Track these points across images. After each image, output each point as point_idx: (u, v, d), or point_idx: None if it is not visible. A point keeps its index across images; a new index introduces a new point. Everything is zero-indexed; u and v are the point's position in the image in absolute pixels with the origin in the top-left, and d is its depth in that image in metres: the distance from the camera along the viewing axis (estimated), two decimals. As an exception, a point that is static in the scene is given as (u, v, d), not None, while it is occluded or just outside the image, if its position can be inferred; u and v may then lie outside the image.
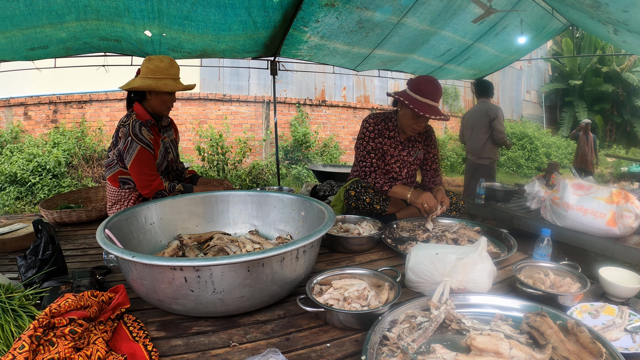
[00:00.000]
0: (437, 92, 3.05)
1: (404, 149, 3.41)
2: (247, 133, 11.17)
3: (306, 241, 1.76)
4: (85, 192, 4.33)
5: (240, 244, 2.37)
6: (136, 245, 2.28)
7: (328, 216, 2.11)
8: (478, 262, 1.97)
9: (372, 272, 2.10)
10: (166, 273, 1.61)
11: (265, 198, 2.69)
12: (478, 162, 6.13)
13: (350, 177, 3.65)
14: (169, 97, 3.06)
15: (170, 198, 2.59)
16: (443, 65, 6.84)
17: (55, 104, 9.94)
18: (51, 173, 8.71)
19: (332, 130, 13.08)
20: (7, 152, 8.98)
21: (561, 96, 19.67)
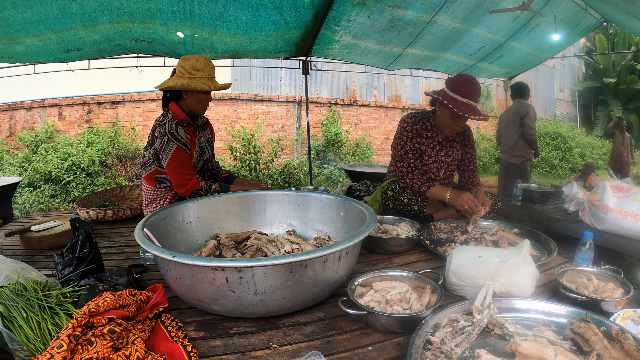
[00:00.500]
0: (477, 92, 2.99)
1: (441, 149, 3.33)
2: (278, 133, 11.17)
3: (349, 242, 1.71)
4: (120, 191, 4.35)
5: (278, 244, 2.34)
6: (173, 244, 2.26)
7: (369, 217, 2.06)
8: (521, 265, 1.90)
9: (413, 274, 2.04)
10: (207, 273, 1.57)
11: (303, 198, 2.65)
12: (510, 161, 6.03)
13: (386, 177, 3.59)
14: (205, 96, 3.04)
15: (208, 197, 2.57)
16: (475, 63, 6.80)
17: (89, 105, 10.12)
18: (85, 172, 8.88)
19: (364, 130, 12.99)
20: (42, 151, 9.18)
21: (595, 94, 19.04)
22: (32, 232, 3.03)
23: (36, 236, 2.94)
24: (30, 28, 3.96)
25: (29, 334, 1.53)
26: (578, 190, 4.25)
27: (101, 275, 2.04)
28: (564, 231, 4.18)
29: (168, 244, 2.19)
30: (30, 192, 8.40)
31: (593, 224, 3.80)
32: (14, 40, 4.10)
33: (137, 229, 1.91)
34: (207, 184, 3.04)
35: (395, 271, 2.07)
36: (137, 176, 9.33)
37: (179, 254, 1.58)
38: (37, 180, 8.62)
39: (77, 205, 3.68)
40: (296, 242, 2.36)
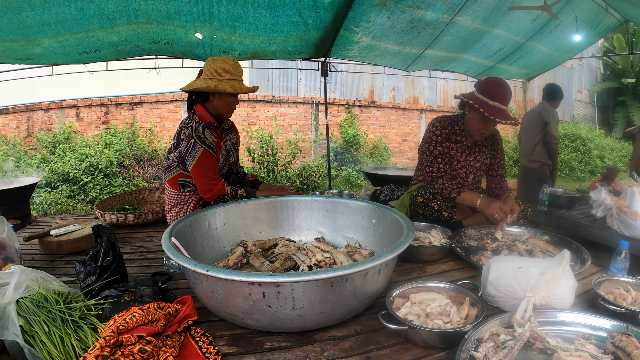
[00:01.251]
0: (507, 95, 2.91)
1: (470, 153, 3.25)
2: (296, 134, 11.11)
3: (391, 255, 1.62)
4: (140, 194, 4.29)
5: (308, 252, 2.25)
6: (200, 252, 2.19)
7: (406, 227, 1.97)
8: (561, 276, 1.83)
9: (450, 285, 1.96)
10: (242, 288, 1.49)
11: (332, 204, 2.57)
12: (528, 166, 5.86)
13: (413, 181, 3.52)
14: (233, 98, 2.96)
15: (234, 203, 2.50)
16: (495, 64, 6.73)
17: (106, 106, 10.12)
18: (103, 172, 8.85)
19: (382, 132, 12.85)
20: (59, 152, 9.19)
21: (614, 95, 18.53)
22: (51, 237, 2.96)
23: (56, 241, 2.87)
24: (48, 30, 3.93)
25: (52, 350, 1.45)
26: (606, 196, 4.11)
27: (125, 285, 1.96)
28: (591, 238, 4.06)
29: (194, 252, 2.13)
30: (48, 193, 8.40)
31: (622, 231, 3.68)
32: (32, 41, 4.08)
33: (164, 238, 1.84)
34: (233, 189, 2.96)
35: (432, 282, 1.99)
36: (154, 177, 9.33)
37: (212, 267, 1.50)
38: (55, 181, 8.62)
39: (96, 209, 3.62)
40: (327, 250, 2.27)
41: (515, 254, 2.58)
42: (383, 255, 1.59)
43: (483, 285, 2.03)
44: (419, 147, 3.37)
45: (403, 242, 1.74)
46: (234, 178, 3.39)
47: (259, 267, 2.23)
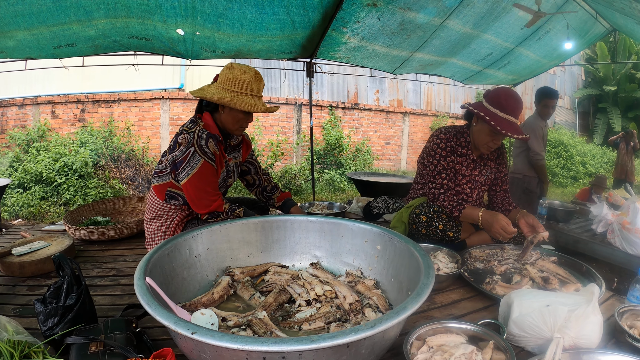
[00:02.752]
0: (519, 107, 2.73)
1: (475, 167, 3.06)
2: (279, 136, 10.94)
3: (416, 304, 1.34)
4: (114, 202, 3.99)
5: (305, 283, 1.98)
6: (179, 284, 1.89)
7: (423, 262, 1.68)
8: (590, 314, 1.66)
9: (470, 325, 1.73)
10: (239, 354, 1.20)
11: (331, 226, 2.27)
12: (512, 175, 5.58)
13: (411, 194, 3.31)
14: (245, 116, 2.63)
15: (219, 224, 2.19)
16: (482, 70, 6.64)
17: (83, 103, 9.81)
18: (78, 173, 8.49)
19: (365, 135, 12.78)
20: (33, 150, 8.83)
21: (594, 102, 18.89)
22: (13, 257, 2.66)
23: (17, 262, 2.56)
24: (22, 21, 3.66)
25: None
26: (607, 212, 3.93)
27: (93, 329, 1.67)
28: (591, 254, 3.87)
29: (174, 285, 1.84)
30: (20, 194, 8.02)
31: (624, 248, 3.49)
32: (4, 34, 3.80)
33: (137, 277, 1.54)
34: (231, 207, 2.66)
35: (452, 322, 1.75)
36: (131, 178, 9.03)
37: (200, 328, 1.20)
38: (28, 182, 8.25)
39: (65, 222, 3.31)
40: (326, 281, 1.99)
41: (527, 280, 2.38)
42: (408, 306, 1.32)
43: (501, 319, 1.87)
44: (420, 159, 3.16)
45: (425, 285, 1.46)
46: (259, 192, 3.14)
47: (248, 300, 1.95)
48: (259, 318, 1.67)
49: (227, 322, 1.71)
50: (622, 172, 8.81)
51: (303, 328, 1.71)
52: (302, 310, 1.83)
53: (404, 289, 1.80)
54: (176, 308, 1.59)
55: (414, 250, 1.79)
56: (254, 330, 1.62)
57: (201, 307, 1.82)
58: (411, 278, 1.74)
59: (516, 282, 2.39)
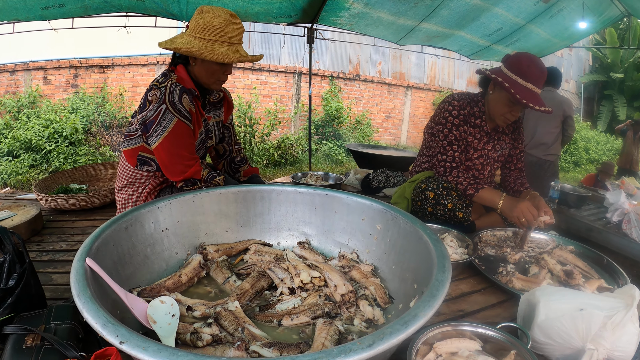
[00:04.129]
0: (542, 76, 2.42)
1: (489, 141, 2.76)
2: (276, 105, 10.66)
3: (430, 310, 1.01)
4: (92, 169, 3.68)
5: (290, 266, 1.66)
6: (140, 264, 1.59)
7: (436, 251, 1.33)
8: (628, 322, 1.38)
9: (487, 329, 1.43)
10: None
11: (323, 198, 1.93)
12: (544, 158, 5.35)
13: (415, 167, 3.00)
14: (220, 68, 2.25)
15: (192, 193, 1.87)
16: (490, 45, 6.39)
17: (75, 68, 9.53)
18: (68, 140, 8.30)
19: (365, 107, 12.50)
20: (23, 117, 8.57)
21: (600, 88, 18.47)
22: (-29, 229, 2.35)
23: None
24: (7, -19, 3.40)
25: None
26: (625, 200, 3.62)
27: (36, 317, 1.39)
28: (605, 243, 3.55)
29: (132, 266, 1.54)
30: (8, 162, 7.79)
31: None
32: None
33: (76, 257, 1.24)
34: (210, 174, 2.33)
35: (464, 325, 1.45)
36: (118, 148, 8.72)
37: (134, 336, 0.89)
38: (17, 149, 8.03)
39: (36, 190, 3.02)
40: (314, 265, 1.68)
41: (545, 272, 2.08)
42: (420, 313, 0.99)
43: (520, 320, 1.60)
44: (427, 128, 2.86)
45: (441, 283, 1.14)
46: (226, 164, 2.78)
47: (222, 284, 1.65)
48: (229, 310, 1.37)
49: (193, 313, 1.42)
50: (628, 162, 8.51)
51: (283, 323, 1.40)
52: (284, 301, 1.52)
53: (409, 279, 1.48)
54: (126, 296, 1.29)
55: (423, 234, 1.46)
56: (222, 325, 1.33)
57: (165, 292, 1.52)
58: (418, 267, 1.43)
59: (534, 274, 2.10)
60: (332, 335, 1.29)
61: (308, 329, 1.40)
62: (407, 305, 1.38)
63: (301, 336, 1.38)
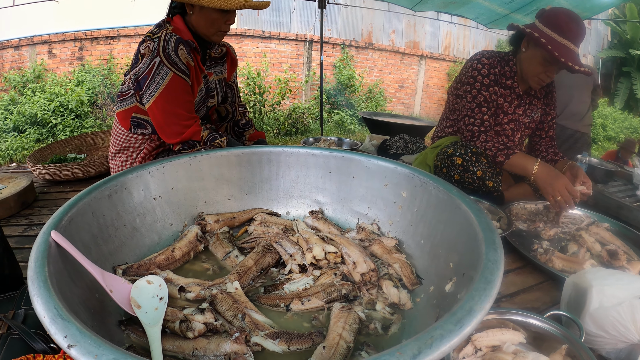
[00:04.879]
0: (581, 34, 2.20)
1: (520, 105, 2.51)
2: (287, 73, 10.39)
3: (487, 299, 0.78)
4: (92, 137, 3.48)
5: (301, 240, 1.42)
6: (127, 237, 1.36)
7: (481, 224, 1.07)
8: None
9: (533, 318, 1.22)
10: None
11: (339, 162, 1.67)
12: (580, 130, 5.04)
13: (438, 132, 2.77)
14: (221, 15, 2.00)
15: (189, 156, 1.62)
16: (509, 13, 6.07)
17: (81, 41, 9.29)
18: (74, 113, 8.20)
19: (378, 76, 12.15)
20: (28, 92, 8.42)
21: (619, 65, 17.84)
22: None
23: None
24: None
25: None
26: (657, 176, 3.38)
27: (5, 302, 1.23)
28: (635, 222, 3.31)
29: (117, 239, 1.31)
30: (14, 137, 7.72)
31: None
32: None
33: (42, 231, 1.02)
34: (211, 136, 2.08)
35: (506, 312, 1.23)
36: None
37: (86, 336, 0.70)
38: (22, 124, 7.96)
39: (29, 161, 2.84)
40: (329, 238, 1.44)
41: (584, 252, 1.87)
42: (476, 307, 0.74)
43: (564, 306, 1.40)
44: (452, 89, 2.62)
45: (494, 264, 0.90)
46: (229, 128, 2.55)
47: (222, 260, 1.42)
48: (228, 292, 1.15)
49: (187, 295, 1.20)
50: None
51: (292, 308, 1.17)
52: (294, 280, 1.28)
53: (442, 257, 1.24)
54: (103, 276, 1.06)
55: (461, 202, 1.20)
56: (219, 311, 1.10)
57: (155, 269, 1.30)
58: (454, 242, 1.19)
59: (573, 252, 1.89)
60: (351, 324, 1.07)
61: (322, 315, 1.17)
62: (440, 287, 1.14)
63: (313, 324, 1.15)
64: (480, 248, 0.98)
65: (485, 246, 0.97)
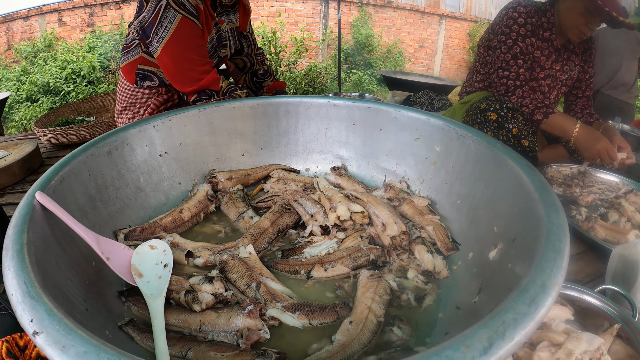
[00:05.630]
0: None
1: (557, 60, 2.33)
2: (303, 32, 10.11)
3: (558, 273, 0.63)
4: (101, 99, 3.34)
5: (323, 198, 1.27)
6: (130, 198, 1.23)
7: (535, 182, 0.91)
8: None
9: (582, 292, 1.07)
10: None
11: (365, 113, 1.50)
12: (627, 101, 4.73)
13: (466, 87, 2.60)
14: None
15: (198, 108, 1.46)
16: None
17: (90, 7, 9.15)
18: (86, 79, 8.10)
19: (397, 35, 11.77)
20: (40, 61, 8.38)
21: None
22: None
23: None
24: None
25: None
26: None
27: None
28: None
29: (119, 201, 1.19)
30: (27, 107, 7.67)
31: None
32: None
33: (27, 194, 0.91)
34: (231, 87, 1.92)
35: None
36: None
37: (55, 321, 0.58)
38: (35, 94, 7.89)
39: (35, 126, 2.72)
40: (354, 196, 1.28)
41: (624, 220, 1.73)
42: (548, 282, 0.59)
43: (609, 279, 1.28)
44: (483, 40, 2.45)
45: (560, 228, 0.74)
46: (248, 79, 2.40)
47: (235, 221, 1.28)
48: (240, 258, 1.01)
49: (195, 260, 1.06)
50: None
51: (314, 275, 1.03)
52: (315, 244, 1.14)
53: (483, 219, 1.08)
54: (97, 241, 0.93)
55: (507, 158, 1.03)
56: (230, 279, 0.96)
57: (161, 233, 1.17)
58: (499, 203, 1.04)
59: (614, 221, 1.74)
60: (381, 294, 0.93)
61: (347, 284, 1.03)
62: (482, 254, 1.00)
63: (338, 294, 1.01)
64: (537, 210, 0.83)
65: (544, 208, 0.82)
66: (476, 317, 0.80)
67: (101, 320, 0.86)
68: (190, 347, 0.82)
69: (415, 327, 0.92)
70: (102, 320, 0.86)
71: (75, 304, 0.79)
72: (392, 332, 0.88)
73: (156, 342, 0.81)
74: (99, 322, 0.85)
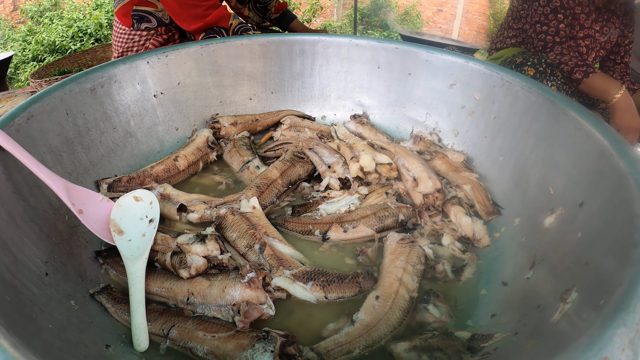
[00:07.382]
0: None
1: (597, 19, 2.13)
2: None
3: None
4: (102, 51, 3.17)
5: (342, 146, 1.09)
6: (117, 143, 1.07)
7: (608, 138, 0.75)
8: None
9: None
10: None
11: (392, 55, 1.30)
12: None
13: (496, 43, 2.40)
14: None
15: (200, 44, 1.28)
16: None
17: (98, -37, 8.96)
18: (93, 37, 7.85)
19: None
20: (46, 20, 8.20)
21: None
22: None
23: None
24: None
25: None
26: None
27: None
28: None
29: (104, 146, 1.04)
30: (33, 67, 7.41)
31: None
32: None
33: None
34: (242, 26, 1.70)
35: None
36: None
37: None
38: (42, 53, 7.65)
39: (31, 78, 2.57)
40: (380, 146, 1.10)
41: None
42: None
43: None
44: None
45: None
46: (252, 6, 2.22)
47: (238, 172, 1.11)
48: (241, 213, 0.83)
49: (188, 215, 0.89)
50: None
51: (331, 236, 0.86)
52: (333, 199, 0.96)
53: (533, 179, 0.92)
54: (67, 190, 0.76)
55: (568, 108, 0.87)
56: (228, 238, 0.79)
57: (151, 183, 1.00)
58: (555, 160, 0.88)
59: None
60: (414, 264, 0.77)
61: (371, 249, 0.86)
62: (534, 221, 0.85)
63: (360, 260, 0.85)
64: (617, 167, 0.69)
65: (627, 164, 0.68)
66: (534, 297, 0.67)
67: (67, 287, 0.72)
68: (174, 323, 0.66)
69: (454, 306, 0.77)
70: (67, 288, 0.72)
71: (29, 268, 0.63)
72: (427, 312, 0.72)
73: (133, 316, 0.65)
74: (61, 291, 0.70)
